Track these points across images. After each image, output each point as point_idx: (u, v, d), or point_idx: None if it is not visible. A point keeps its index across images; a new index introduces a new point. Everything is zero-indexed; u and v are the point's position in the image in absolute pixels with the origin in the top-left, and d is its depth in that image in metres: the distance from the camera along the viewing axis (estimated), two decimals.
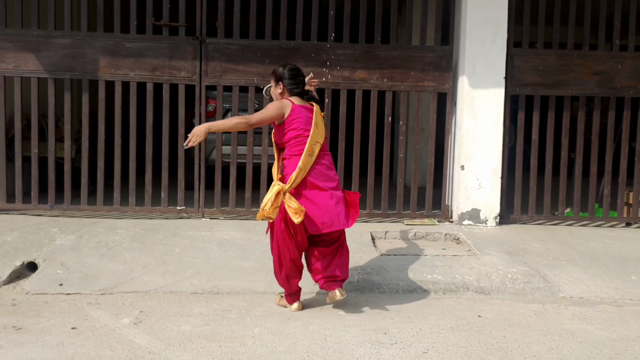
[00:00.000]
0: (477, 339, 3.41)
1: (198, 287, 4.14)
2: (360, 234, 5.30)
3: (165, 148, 5.64)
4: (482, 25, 5.60)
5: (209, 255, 4.65)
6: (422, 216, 5.88)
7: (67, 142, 5.63)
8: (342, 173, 5.79)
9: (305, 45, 5.67)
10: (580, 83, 5.79)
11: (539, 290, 4.28)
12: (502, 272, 4.47)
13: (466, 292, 4.24)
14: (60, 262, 4.39)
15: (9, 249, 4.58)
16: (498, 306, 4.00)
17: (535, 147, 5.83)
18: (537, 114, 5.82)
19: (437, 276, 4.37)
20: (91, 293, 4.02)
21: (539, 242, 5.24)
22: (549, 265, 4.68)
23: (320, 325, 3.56)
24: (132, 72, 5.55)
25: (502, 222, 5.78)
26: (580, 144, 5.87)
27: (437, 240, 5.38)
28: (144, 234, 5.07)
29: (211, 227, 5.33)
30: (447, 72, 5.75)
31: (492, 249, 4.99)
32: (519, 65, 5.74)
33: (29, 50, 5.46)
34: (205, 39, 5.57)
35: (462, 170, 5.69)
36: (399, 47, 5.82)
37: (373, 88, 5.74)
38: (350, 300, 4.01)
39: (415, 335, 3.45)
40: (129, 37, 5.53)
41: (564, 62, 5.77)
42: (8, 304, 3.80)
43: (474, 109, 5.65)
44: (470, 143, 5.67)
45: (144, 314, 3.67)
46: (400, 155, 5.88)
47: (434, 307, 3.94)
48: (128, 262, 4.48)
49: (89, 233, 4.99)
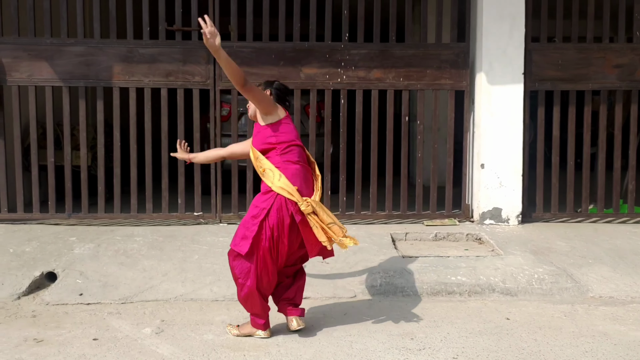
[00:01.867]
0: (508, 343, 3.32)
1: (219, 294, 4.09)
2: (380, 236, 5.21)
3: None
4: (499, 20, 5.50)
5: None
6: (441, 216, 5.78)
7: (83, 150, 5.60)
8: (360, 174, 5.72)
9: (319, 46, 5.60)
10: (601, 77, 5.67)
11: (567, 290, 4.17)
12: (528, 273, 4.37)
13: (492, 294, 4.15)
14: (80, 272, 4.35)
15: (28, 259, 4.55)
16: (526, 308, 3.90)
17: (557, 143, 5.71)
18: (557, 109, 5.70)
19: (462, 278, 4.28)
20: (111, 302, 3.97)
21: (564, 240, 5.13)
22: (575, 264, 4.57)
23: (344, 332, 3.48)
24: (146, 78, 5.51)
25: (525, 221, 5.67)
26: (603, 139, 5.75)
27: (459, 240, 5.28)
28: (162, 240, 5.02)
29: (229, 233, 5.25)
30: (464, 70, 5.65)
31: (516, 248, 4.89)
32: (537, 60, 5.63)
33: (43, 59, 5.43)
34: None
35: (482, 169, 5.59)
36: (415, 45, 5.73)
37: (389, 87, 5.66)
38: (374, 305, 3.94)
39: (443, 340, 3.37)
40: (142, 42, 5.50)
41: (584, 56, 5.65)
42: (28, 315, 3.76)
43: (492, 106, 5.55)
44: (489, 141, 5.57)
45: (166, 323, 3.61)
46: (418, 155, 5.79)
47: (460, 310, 3.85)
48: (147, 270, 4.43)
49: (107, 241, 4.95)
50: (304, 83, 5.58)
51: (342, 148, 5.71)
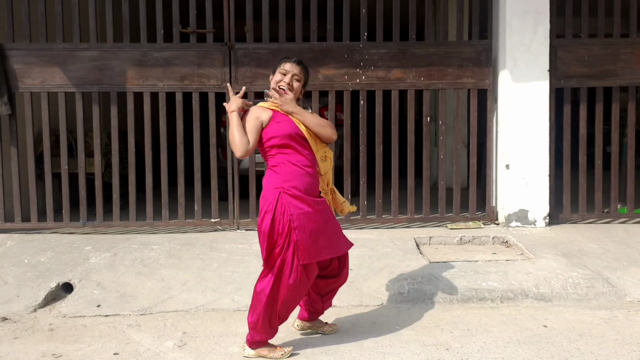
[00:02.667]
0: (549, 353, 3.15)
1: (241, 303, 3.94)
2: (404, 240, 5.05)
3: (197, 159, 5.45)
4: (522, 16, 5.33)
5: (249, 268, 4.45)
6: (465, 219, 5.61)
7: (97, 156, 5.48)
8: (380, 177, 5.56)
9: (337, 46, 5.45)
10: (629, 72, 5.48)
11: (603, 295, 3.99)
12: (561, 277, 4.19)
13: (525, 300, 3.97)
14: (97, 282, 4.21)
15: (43, 269, 4.42)
16: (562, 314, 3.73)
17: (584, 141, 5.53)
18: (584, 106, 5.52)
19: (493, 283, 4.11)
20: (130, 314, 3.83)
21: (595, 242, 4.94)
22: (609, 267, 4.39)
23: (375, 342, 3.32)
24: (160, 82, 5.38)
25: (552, 223, 5.49)
26: (632, 137, 5.56)
27: (485, 244, 5.11)
28: (179, 248, 4.89)
29: (248, 239, 5.13)
30: (486, 68, 5.49)
31: (546, 251, 4.71)
32: (562, 56, 5.45)
33: (55, 65, 5.32)
34: (234, 44, 5.38)
35: (507, 170, 5.42)
36: (435, 43, 5.58)
37: (410, 87, 5.50)
38: (403, 313, 3.78)
39: (480, 350, 3.20)
40: (156, 46, 5.37)
41: (611, 52, 5.47)
42: (45, 329, 3.63)
43: (516, 105, 5.37)
44: (514, 141, 5.40)
45: (188, 336, 3.47)
46: (440, 156, 5.63)
47: (494, 318, 3.68)
48: (166, 279, 4.29)
49: (123, 250, 4.82)
50: (322, 84, 5.44)
51: (362, 150, 5.56)
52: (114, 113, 5.46)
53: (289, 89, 3.20)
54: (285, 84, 3.19)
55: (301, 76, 3.25)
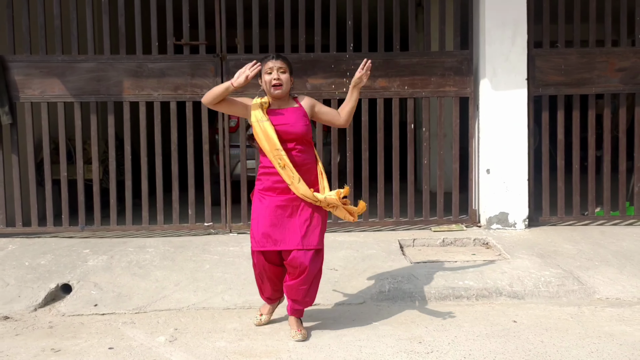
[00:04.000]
0: (514, 345, 3.37)
1: (230, 302, 4.16)
2: (389, 242, 5.28)
3: (190, 165, 5.69)
4: (501, 27, 5.57)
5: (239, 270, 4.67)
6: (449, 222, 5.84)
7: (95, 163, 5.71)
8: (367, 182, 5.80)
9: (324, 57, 5.70)
10: (604, 80, 5.72)
11: (573, 292, 4.22)
12: (535, 276, 4.41)
13: (499, 297, 4.20)
14: (94, 283, 4.44)
15: (43, 271, 4.65)
16: (533, 310, 3.95)
17: (562, 146, 5.77)
18: (561, 113, 5.75)
19: (469, 282, 4.33)
20: (125, 312, 4.06)
21: (571, 243, 5.17)
22: (582, 266, 4.62)
23: (354, 337, 3.55)
24: (155, 92, 5.62)
25: (532, 225, 5.72)
26: (608, 142, 5.79)
27: (466, 245, 5.34)
28: (173, 251, 5.11)
29: (239, 242, 5.36)
30: (468, 76, 5.73)
31: (522, 252, 4.93)
32: (540, 65, 5.69)
33: (55, 76, 5.56)
34: (226, 55, 5.63)
35: (488, 174, 5.65)
36: (418, 53, 5.81)
37: (394, 96, 5.74)
38: (383, 310, 4.00)
39: (450, 343, 3.43)
40: (151, 57, 5.62)
41: (587, 60, 5.71)
42: (45, 326, 3.86)
43: (496, 112, 5.61)
44: (494, 146, 5.63)
45: (179, 332, 3.69)
46: (424, 161, 5.86)
47: (468, 314, 3.90)
48: (160, 280, 4.52)
49: (120, 253, 5.05)
50: (310, 93, 5.63)
51: (349, 156, 5.80)
52: (111, 122, 5.70)
53: (279, 83, 3.49)
54: (275, 79, 3.47)
55: (285, 67, 3.53)
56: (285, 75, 3.52)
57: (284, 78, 3.50)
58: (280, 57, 3.55)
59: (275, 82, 3.49)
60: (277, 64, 3.50)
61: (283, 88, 3.51)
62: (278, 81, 3.48)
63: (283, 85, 3.50)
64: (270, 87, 3.50)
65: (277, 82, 3.49)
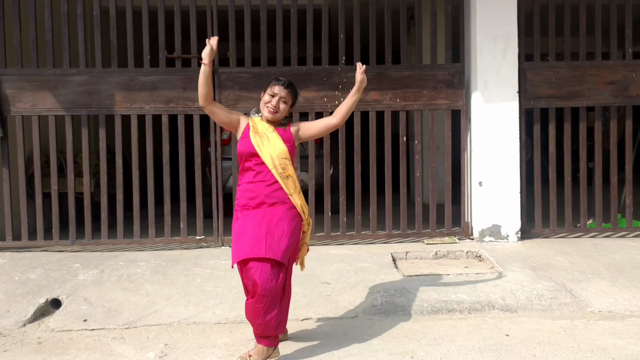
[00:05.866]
0: (507, 359, 3.35)
1: (221, 317, 4.13)
2: (381, 255, 5.26)
3: (182, 178, 5.67)
4: (492, 40, 5.61)
5: (231, 284, 4.64)
6: (441, 234, 5.84)
7: (86, 177, 5.69)
8: (359, 195, 5.79)
9: (316, 70, 5.71)
10: (595, 93, 5.75)
11: (566, 305, 4.21)
12: (527, 289, 4.40)
13: (492, 311, 4.18)
14: (84, 298, 4.40)
15: (33, 286, 4.60)
16: (525, 324, 3.94)
17: (553, 159, 5.79)
18: (552, 126, 5.78)
19: (462, 295, 4.32)
20: (115, 328, 4.02)
21: (563, 255, 5.17)
22: (574, 279, 4.61)
23: (346, 352, 3.52)
24: (147, 105, 5.61)
25: (524, 237, 5.72)
26: (599, 154, 5.81)
27: (459, 258, 5.32)
28: (164, 265, 5.08)
29: (231, 256, 5.32)
30: (459, 89, 5.75)
31: (515, 265, 4.93)
32: (531, 78, 5.72)
33: (46, 89, 5.55)
34: (218, 69, 5.63)
35: (480, 187, 5.66)
36: (410, 66, 5.83)
37: (386, 109, 5.75)
38: (375, 324, 3.98)
39: (443, 358, 3.40)
40: (142, 71, 5.61)
41: (577, 74, 5.75)
42: (34, 342, 3.81)
43: (488, 125, 5.63)
44: (486, 159, 5.65)
45: (169, 347, 3.66)
46: (417, 174, 5.86)
47: (460, 328, 3.88)
48: (150, 294, 4.48)
49: (110, 267, 5.01)
50: (303, 106, 5.68)
51: (341, 169, 5.79)
52: (102, 135, 5.68)
53: (275, 110, 3.46)
54: (272, 106, 3.46)
55: (288, 98, 3.51)
56: (285, 106, 3.51)
57: (282, 108, 3.49)
58: (290, 87, 3.51)
59: (271, 109, 3.48)
60: (283, 93, 3.48)
61: (277, 116, 3.50)
62: (275, 109, 3.48)
63: (278, 114, 3.50)
64: (265, 109, 3.50)
65: (273, 110, 3.48)
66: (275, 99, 3.47)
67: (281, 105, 3.48)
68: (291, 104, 3.55)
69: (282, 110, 3.49)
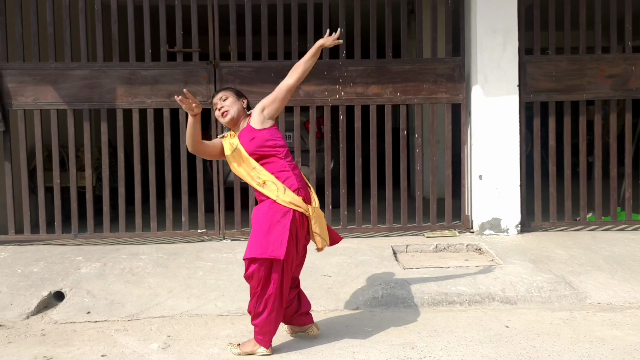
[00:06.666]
0: (506, 350, 3.39)
1: (223, 309, 4.16)
2: (382, 248, 5.29)
3: (184, 172, 5.70)
4: (492, 34, 5.62)
5: (232, 276, 4.67)
6: (442, 228, 5.86)
7: (88, 171, 5.71)
8: (360, 188, 5.82)
9: (317, 64, 5.61)
10: (595, 87, 5.77)
11: (565, 297, 4.24)
12: (527, 281, 4.43)
13: (492, 303, 4.21)
14: (87, 290, 4.43)
15: (36, 279, 4.64)
16: (525, 316, 3.97)
17: (553, 152, 5.81)
18: (552, 119, 5.80)
19: (462, 288, 4.35)
20: (118, 320, 4.05)
21: (563, 248, 5.20)
22: (574, 271, 4.64)
23: (347, 343, 3.55)
24: (148, 99, 5.63)
25: (524, 230, 5.74)
26: (599, 148, 5.83)
27: (459, 251, 5.35)
28: (166, 258, 5.11)
29: (233, 249, 5.36)
30: (459, 83, 5.76)
31: (515, 257, 4.96)
32: (531, 72, 5.73)
33: (48, 83, 5.57)
34: (219, 62, 5.65)
35: (481, 180, 5.68)
36: (411, 60, 5.84)
37: (387, 102, 5.77)
38: (376, 316, 4.01)
39: (443, 349, 3.44)
40: (144, 65, 5.63)
41: (577, 67, 5.76)
42: (38, 334, 3.84)
43: (488, 118, 5.65)
44: (487, 152, 5.67)
45: (172, 339, 3.69)
46: (417, 168, 5.89)
47: (461, 319, 3.91)
48: (153, 287, 4.51)
49: (113, 260, 5.04)
50: (303, 100, 5.70)
51: (342, 163, 5.82)
52: (104, 129, 5.70)
53: (225, 110, 3.48)
54: (220, 113, 3.49)
55: (226, 94, 3.54)
56: (229, 99, 3.50)
57: (227, 104, 3.49)
58: (219, 90, 3.61)
59: (220, 115, 3.51)
60: (218, 96, 3.54)
61: (230, 112, 3.48)
62: (223, 108, 3.50)
63: (230, 110, 3.48)
64: (222, 119, 3.51)
65: (223, 111, 3.49)
66: (218, 107, 3.52)
67: (224, 103, 3.50)
68: (236, 96, 3.54)
69: (229, 104, 3.49)
